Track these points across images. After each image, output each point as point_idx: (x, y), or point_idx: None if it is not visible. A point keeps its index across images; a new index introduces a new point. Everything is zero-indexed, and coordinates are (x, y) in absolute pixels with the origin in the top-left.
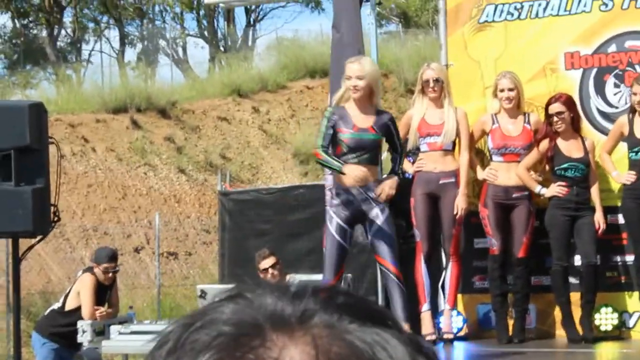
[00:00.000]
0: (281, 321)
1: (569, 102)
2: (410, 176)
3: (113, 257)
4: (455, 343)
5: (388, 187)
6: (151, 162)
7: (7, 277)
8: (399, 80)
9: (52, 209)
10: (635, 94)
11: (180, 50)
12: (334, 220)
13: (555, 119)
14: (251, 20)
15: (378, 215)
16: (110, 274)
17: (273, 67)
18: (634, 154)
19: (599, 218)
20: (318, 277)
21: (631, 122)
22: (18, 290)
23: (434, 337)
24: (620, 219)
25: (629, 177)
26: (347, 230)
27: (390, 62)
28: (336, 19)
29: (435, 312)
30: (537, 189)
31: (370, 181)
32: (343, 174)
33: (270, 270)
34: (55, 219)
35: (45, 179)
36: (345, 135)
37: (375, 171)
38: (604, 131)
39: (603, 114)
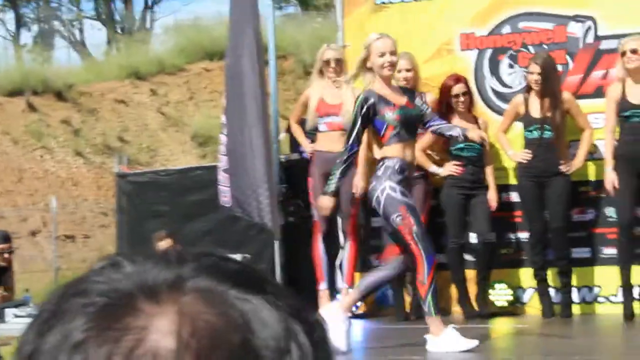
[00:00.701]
0: (152, 289)
1: (467, 82)
2: (308, 156)
3: (5, 238)
4: (353, 321)
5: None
6: (48, 145)
7: None
8: (297, 62)
9: None
10: (531, 73)
11: (77, 32)
12: (397, 189)
13: (461, 99)
14: (149, 2)
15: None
16: (6, 255)
17: (171, 50)
18: (529, 132)
19: (492, 196)
20: None
21: (527, 102)
22: None
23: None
24: (515, 197)
25: (525, 155)
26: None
27: (289, 45)
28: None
29: (334, 290)
30: (433, 168)
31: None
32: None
33: None
34: None
35: None
36: (393, 112)
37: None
38: (499, 111)
39: (498, 94)
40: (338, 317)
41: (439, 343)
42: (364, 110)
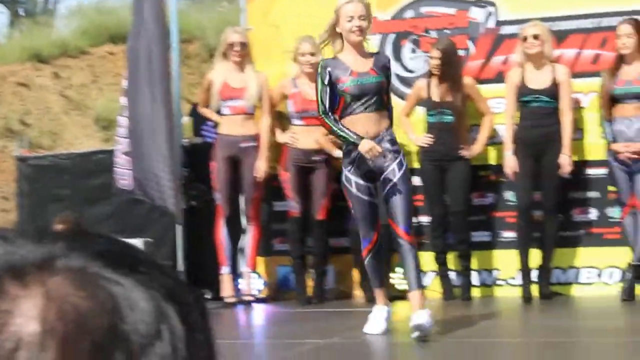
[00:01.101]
0: (20, 269)
1: None
2: (214, 138)
3: None
4: (255, 305)
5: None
6: None
7: None
8: (202, 46)
9: None
10: (432, 58)
11: None
12: (352, 180)
13: None
14: None
15: (395, 171)
16: None
17: (74, 33)
18: (431, 117)
19: None
20: None
21: (428, 86)
22: None
23: (233, 299)
24: (417, 181)
25: (426, 139)
26: (369, 186)
27: (194, 28)
28: None
29: (236, 274)
30: (337, 152)
31: (382, 130)
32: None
33: None
34: None
35: None
36: (345, 84)
37: (385, 117)
38: (402, 96)
39: (401, 79)
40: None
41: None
42: (323, 74)
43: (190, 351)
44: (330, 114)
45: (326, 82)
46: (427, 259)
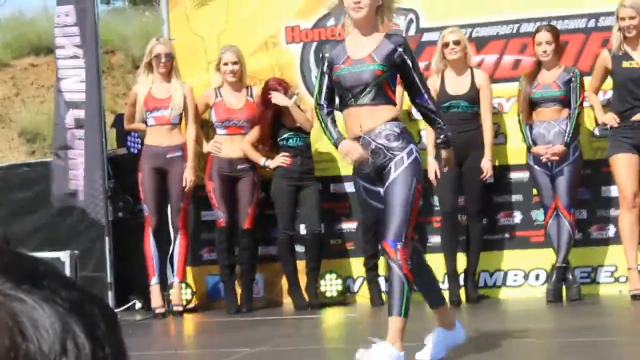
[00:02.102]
0: None
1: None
2: (139, 149)
3: None
4: (185, 315)
5: (450, 162)
6: None
7: None
8: (126, 57)
9: None
10: None
11: None
12: (360, 185)
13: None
14: None
15: (390, 171)
16: None
17: (15, 32)
18: None
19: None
20: (45, 254)
21: None
22: None
23: (163, 309)
24: (344, 188)
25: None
26: (379, 191)
27: (117, 39)
28: None
29: (165, 285)
30: (262, 161)
31: (378, 125)
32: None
33: None
34: None
35: None
36: (335, 72)
37: (386, 111)
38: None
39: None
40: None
41: None
42: (321, 61)
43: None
44: (324, 105)
45: (324, 70)
46: (356, 265)
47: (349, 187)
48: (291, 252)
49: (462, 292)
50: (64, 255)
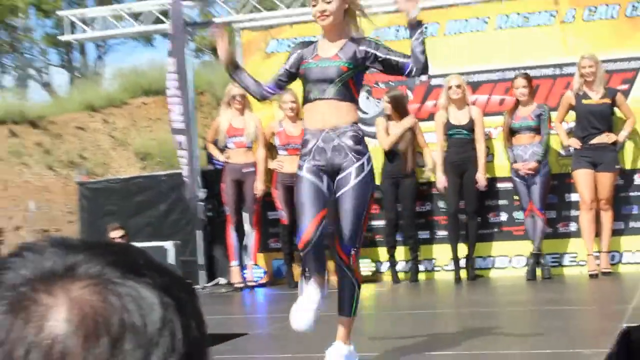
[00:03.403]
0: (49, 277)
1: None
2: (222, 165)
3: None
4: (257, 289)
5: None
6: (26, 161)
7: None
8: (212, 96)
9: None
10: (386, 102)
11: (46, 76)
12: (303, 167)
13: None
14: (99, 53)
15: (350, 176)
16: None
17: (117, 88)
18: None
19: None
20: (154, 243)
21: (388, 122)
22: None
23: (241, 285)
24: (376, 194)
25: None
26: (322, 175)
27: (205, 84)
28: (171, 52)
29: (242, 266)
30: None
31: (345, 124)
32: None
33: (117, 240)
34: None
35: None
36: (302, 66)
37: (350, 110)
38: (366, 134)
39: (360, 119)
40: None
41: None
42: (289, 55)
43: (185, 334)
44: (270, 88)
45: (286, 64)
46: (383, 252)
47: (379, 194)
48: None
49: (463, 273)
50: (168, 244)
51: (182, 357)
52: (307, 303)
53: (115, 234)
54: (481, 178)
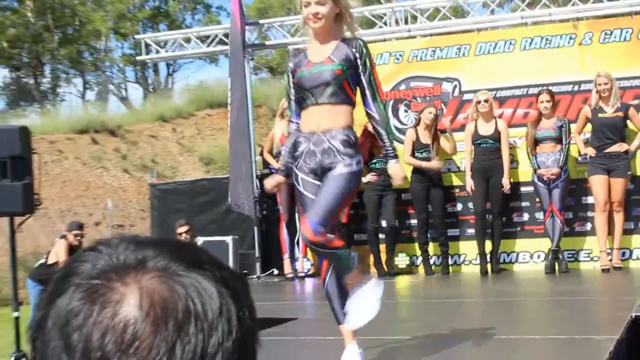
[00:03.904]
0: (122, 269)
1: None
2: (276, 170)
3: (80, 226)
4: (306, 279)
5: (398, 178)
6: (105, 165)
7: (10, 243)
8: (268, 109)
9: (35, 197)
10: (431, 113)
11: (123, 91)
12: (299, 177)
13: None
14: (170, 70)
15: (337, 169)
16: (79, 238)
17: (185, 102)
18: (419, 153)
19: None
20: (216, 238)
21: (417, 133)
22: (14, 251)
23: (292, 275)
24: (410, 196)
25: (416, 163)
26: (318, 185)
27: (263, 97)
28: (232, 69)
29: (293, 258)
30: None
31: (338, 127)
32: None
33: (184, 234)
34: (38, 203)
35: (30, 177)
36: (296, 75)
37: (344, 113)
38: (398, 140)
39: (397, 129)
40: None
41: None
42: (286, 72)
43: (239, 321)
44: (295, 122)
45: (290, 83)
46: (417, 248)
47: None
48: (376, 238)
49: (488, 267)
50: (229, 239)
51: (236, 340)
52: (372, 293)
53: (182, 229)
54: (506, 182)
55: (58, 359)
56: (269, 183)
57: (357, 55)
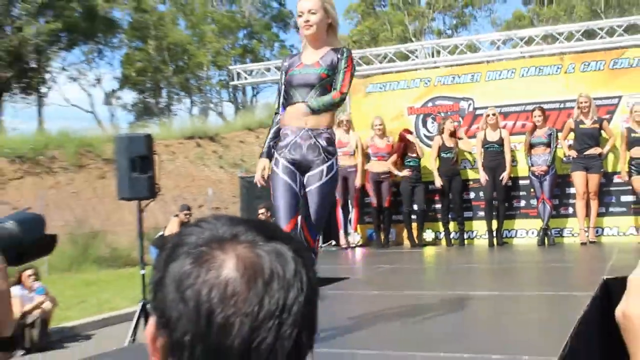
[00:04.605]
0: (221, 240)
1: (411, 133)
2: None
3: (188, 208)
4: (357, 249)
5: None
6: (206, 163)
7: (138, 220)
8: None
9: (155, 186)
10: (452, 124)
11: (219, 108)
12: (279, 162)
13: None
14: (254, 92)
15: (322, 174)
16: (187, 217)
17: (266, 115)
18: (444, 154)
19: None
20: None
21: (442, 140)
22: (141, 225)
23: (345, 245)
24: (435, 186)
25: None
26: (295, 173)
27: None
28: None
29: (347, 233)
30: (396, 172)
31: (322, 126)
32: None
33: (264, 215)
34: (157, 191)
35: (152, 171)
36: (289, 73)
37: (329, 115)
38: (428, 144)
39: (427, 137)
40: None
41: None
42: (281, 73)
43: (308, 280)
44: (279, 113)
45: (283, 81)
46: (440, 225)
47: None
48: (409, 218)
49: (495, 240)
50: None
51: (307, 296)
52: None
53: (262, 211)
54: (506, 176)
55: (176, 308)
56: (259, 168)
57: (339, 57)
